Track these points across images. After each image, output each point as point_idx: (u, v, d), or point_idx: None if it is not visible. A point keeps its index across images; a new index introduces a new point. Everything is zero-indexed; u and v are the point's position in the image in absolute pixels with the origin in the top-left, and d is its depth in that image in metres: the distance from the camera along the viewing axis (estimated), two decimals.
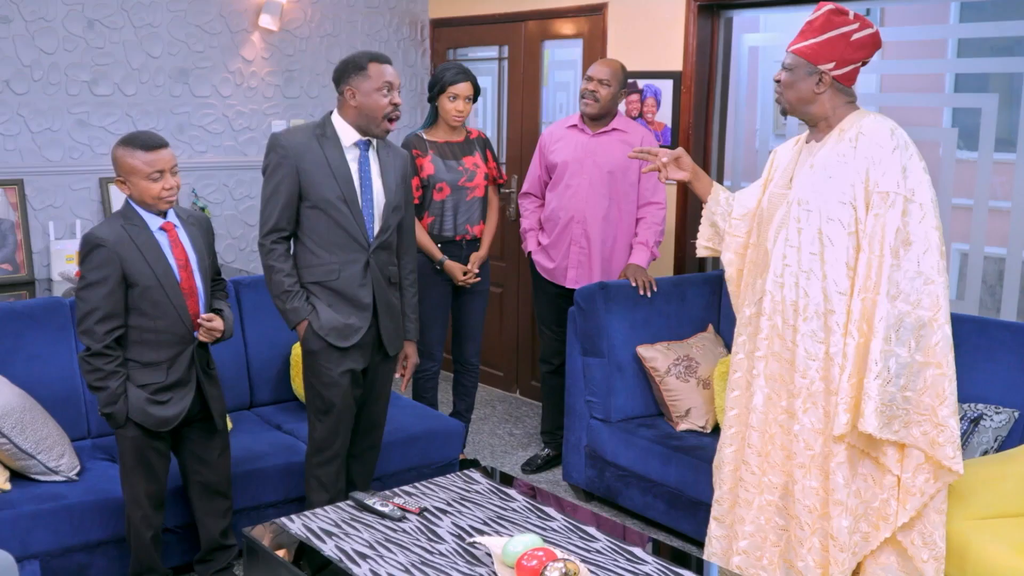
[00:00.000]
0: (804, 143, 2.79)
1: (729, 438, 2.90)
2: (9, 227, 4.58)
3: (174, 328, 2.91)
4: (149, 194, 2.85)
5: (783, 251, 2.70)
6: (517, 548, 2.29)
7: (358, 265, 3.11)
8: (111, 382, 2.85)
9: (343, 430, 3.20)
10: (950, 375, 2.55)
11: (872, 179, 2.55)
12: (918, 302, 2.51)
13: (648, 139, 4.15)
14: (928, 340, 2.53)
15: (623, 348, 3.94)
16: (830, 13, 2.63)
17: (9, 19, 4.53)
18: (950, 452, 2.54)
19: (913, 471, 2.59)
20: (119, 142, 2.88)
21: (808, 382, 2.65)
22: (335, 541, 2.50)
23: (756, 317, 2.80)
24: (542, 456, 4.48)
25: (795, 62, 2.66)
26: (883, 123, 2.62)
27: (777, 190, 2.80)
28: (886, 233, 2.52)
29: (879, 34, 2.65)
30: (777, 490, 2.76)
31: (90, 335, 2.82)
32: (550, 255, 4.28)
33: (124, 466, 2.97)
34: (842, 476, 2.60)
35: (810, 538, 2.67)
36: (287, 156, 3.05)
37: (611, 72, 4.07)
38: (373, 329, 3.19)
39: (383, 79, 3.05)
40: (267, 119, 5.32)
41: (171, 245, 2.91)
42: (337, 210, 3.07)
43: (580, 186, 4.13)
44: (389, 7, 5.70)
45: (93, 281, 2.81)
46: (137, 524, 3.00)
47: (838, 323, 2.59)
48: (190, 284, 2.93)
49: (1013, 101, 5.83)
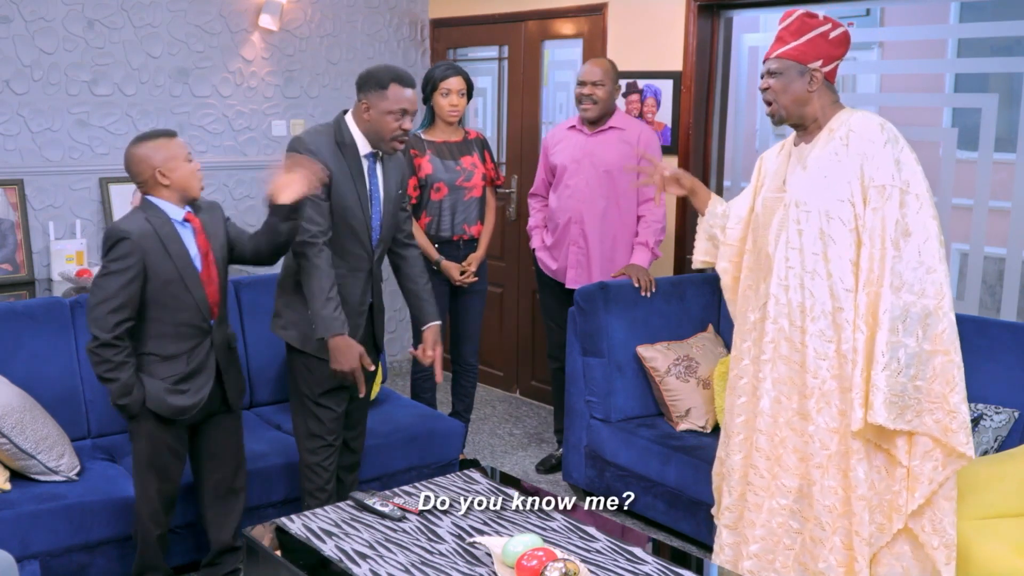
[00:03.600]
0: (792, 146, 2.82)
1: (738, 445, 2.88)
2: (9, 227, 4.58)
3: (193, 320, 2.90)
4: (193, 177, 2.87)
5: (785, 254, 2.71)
6: (517, 548, 2.29)
7: (363, 272, 3.17)
8: (121, 373, 2.82)
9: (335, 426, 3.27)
10: (958, 362, 2.57)
11: (867, 174, 2.58)
12: (923, 291, 2.53)
13: (646, 135, 4.13)
14: (934, 328, 2.55)
15: (623, 348, 3.94)
16: (803, 16, 2.72)
17: (9, 19, 4.53)
18: (963, 438, 2.55)
19: (921, 458, 2.59)
20: (139, 140, 2.88)
21: (820, 382, 2.65)
22: (335, 541, 2.50)
23: (761, 322, 2.80)
24: (556, 456, 4.47)
25: (783, 66, 2.70)
26: (871, 118, 2.67)
27: (771, 194, 2.82)
28: (886, 226, 2.54)
29: (849, 32, 2.75)
30: (791, 493, 2.74)
31: (99, 324, 2.78)
32: (553, 255, 4.29)
33: (137, 461, 2.95)
34: (863, 471, 2.60)
35: (831, 538, 2.66)
36: (320, 159, 3.03)
37: (603, 72, 4.06)
38: (367, 330, 3.23)
39: (399, 105, 3.03)
40: (267, 119, 5.32)
41: (195, 234, 2.91)
42: (355, 217, 3.10)
43: (578, 187, 4.14)
44: (389, 7, 5.70)
45: (113, 271, 2.79)
46: (145, 521, 2.98)
47: (847, 320, 2.61)
48: (211, 272, 2.93)
49: (1013, 101, 5.83)
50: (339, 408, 3.23)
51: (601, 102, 4.07)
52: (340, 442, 3.31)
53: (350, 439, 3.43)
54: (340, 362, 3.01)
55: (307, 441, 3.24)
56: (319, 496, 3.28)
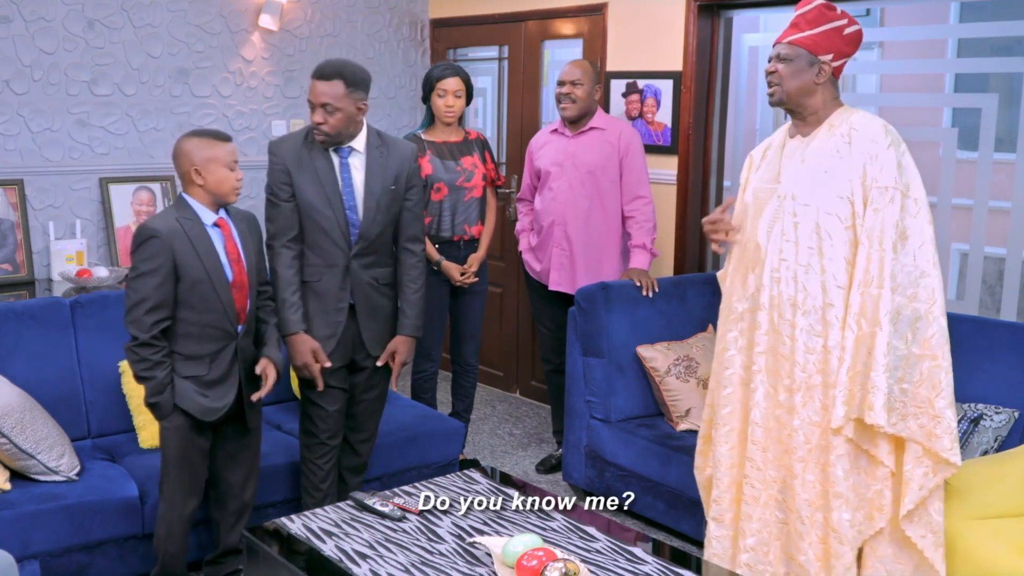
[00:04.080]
0: (788, 138, 2.81)
1: (724, 436, 2.90)
2: (9, 227, 4.58)
3: (219, 323, 2.91)
4: (228, 183, 2.88)
5: (779, 246, 2.71)
6: (517, 548, 2.29)
7: (337, 268, 3.18)
8: (158, 372, 2.84)
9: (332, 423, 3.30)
10: (946, 367, 2.57)
11: (870, 175, 2.58)
12: (915, 295, 2.55)
13: (627, 134, 4.12)
14: (924, 332, 2.56)
15: (623, 348, 3.94)
16: (822, 7, 2.71)
17: (9, 19, 4.53)
18: (947, 443, 2.55)
19: (912, 463, 2.60)
20: (190, 135, 2.90)
21: (807, 376, 2.67)
22: (335, 541, 2.50)
23: (752, 312, 2.80)
24: (556, 456, 4.47)
25: (795, 52, 2.70)
26: (874, 119, 2.68)
27: (764, 184, 2.81)
28: (885, 227, 2.55)
29: (863, 31, 2.74)
30: (776, 484, 2.77)
31: (137, 325, 2.81)
32: (537, 256, 4.30)
33: (166, 460, 2.97)
34: (842, 469, 2.61)
35: (810, 532, 2.68)
36: (278, 163, 3.16)
37: (582, 71, 4.06)
38: (352, 331, 3.24)
39: (310, 96, 3.09)
40: (267, 119, 5.32)
41: (224, 240, 2.92)
42: (320, 214, 3.13)
43: (560, 189, 4.14)
44: (389, 7, 5.70)
45: (145, 271, 2.80)
46: (172, 524, 2.98)
47: (837, 317, 2.62)
48: (242, 279, 2.94)
49: (1013, 101, 5.83)
50: (331, 407, 3.26)
51: (580, 101, 4.06)
52: (337, 442, 3.32)
53: (355, 441, 3.43)
54: (293, 357, 3.17)
55: (303, 437, 3.33)
56: (314, 495, 3.31)
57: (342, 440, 3.39)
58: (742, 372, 2.84)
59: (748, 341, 2.81)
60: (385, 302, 3.30)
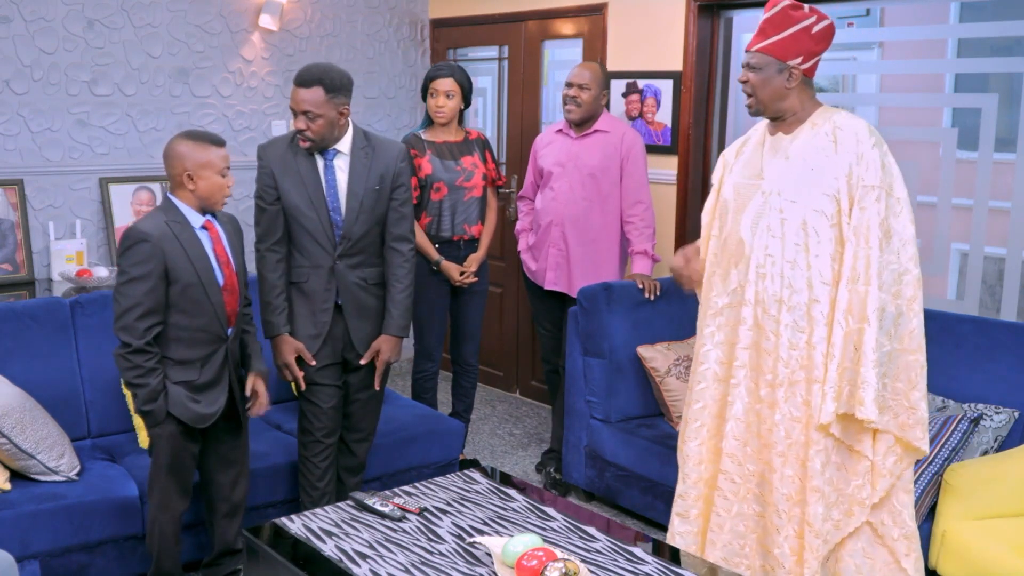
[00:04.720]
0: (769, 135, 2.81)
1: (694, 431, 2.91)
2: (9, 227, 4.58)
3: (210, 327, 2.90)
4: (219, 189, 2.86)
5: (765, 242, 2.72)
6: (517, 548, 2.29)
7: (323, 269, 3.20)
8: (151, 379, 2.82)
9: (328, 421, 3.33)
10: (922, 362, 2.64)
11: (856, 174, 2.61)
12: (898, 292, 2.60)
13: (629, 137, 4.11)
14: (904, 328, 2.62)
15: (624, 348, 3.94)
16: (787, 8, 2.69)
17: (9, 19, 4.53)
18: (919, 433, 2.63)
19: (884, 454, 2.65)
20: (184, 137, 2.85)
21: (790, 371, 2.68)
22: (335, 541, 2.50)
23: (734, 307, 2.80)
24: (554, 476, 4.45)
25: (763, 61, 2.71)
26: (858, 119, 2.70)
27: (745, 180, 2.80)
28: (871, 226, 2.58)
29: (834, 25, 2.72)
30: (754, 478, 2.79)
31: (129, 331, 2.77)
32: (534, 255, 4.30)
33: (157, 466, 2.95)
34: (820, 463, 2.64)
35: (786, 526, 2.71)
36: (264, 166, 3.19)
37: (591, 75, 4.06)
38: (341, 330, 3.26)
39: (291, 103, 3.11)
40: (267, 119, 5.32)
41: (213, 243, 2.91)
42: (305, 216, 3.16)
43: (561, 190, 4.14)
44: (389, 7, 5.70)
45: (135, 276, 2.77)
46: (164, 525, 2.98)
47: (822, 313, 2.64)
48: (232, 281, 2.93)
49: (1013, 101, 5.82)
50: (325, 404, 3.28)
51: (585, 105, 4.05)
52: (333, 440, 3.34)
53: (351, 441, 3.44)
54: (275, 357, 3.25)
55: (300, 436, 3.36)
56: (311, 493, 3.33)
57: (339, 439, 3.40)
58: (717, 368, 2.85)
59: (728, 336, 2.82)
60: (374, 302, 3.30)
